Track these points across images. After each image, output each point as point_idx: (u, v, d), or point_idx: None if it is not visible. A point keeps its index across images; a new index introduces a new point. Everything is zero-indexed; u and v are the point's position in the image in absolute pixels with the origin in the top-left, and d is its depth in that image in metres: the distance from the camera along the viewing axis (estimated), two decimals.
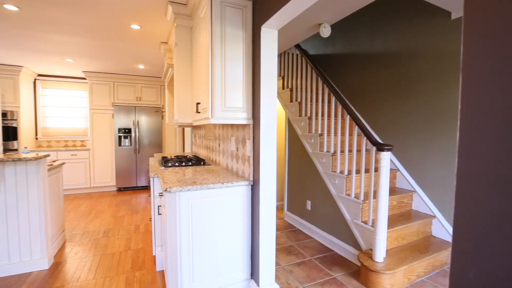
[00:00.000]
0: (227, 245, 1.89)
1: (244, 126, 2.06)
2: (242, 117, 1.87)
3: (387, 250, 2.27)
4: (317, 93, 3.59)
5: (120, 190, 5.56)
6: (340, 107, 2.76)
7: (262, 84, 1.78)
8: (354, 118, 2.44)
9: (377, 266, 2.03)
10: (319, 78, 3.04)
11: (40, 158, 2.30)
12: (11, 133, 4.69)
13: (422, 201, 2.69)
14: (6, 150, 4.62)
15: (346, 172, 2.60)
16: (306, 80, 3.37)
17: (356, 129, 2.50)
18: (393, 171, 2.92)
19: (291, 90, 3.54)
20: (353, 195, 2.49)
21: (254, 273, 1.98)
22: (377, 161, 2.98)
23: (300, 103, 3.33)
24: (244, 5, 1.88)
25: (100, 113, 5.38)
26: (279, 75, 3.87)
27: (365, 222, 2.38)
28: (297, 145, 3.41)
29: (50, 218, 2.56)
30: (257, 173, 1.85)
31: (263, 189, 1.82)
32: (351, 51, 3.51)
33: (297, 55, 3.58)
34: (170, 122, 3.66)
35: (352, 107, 3.48)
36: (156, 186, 2.29)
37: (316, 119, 3.15)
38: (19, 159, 2.18)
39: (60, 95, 5.61)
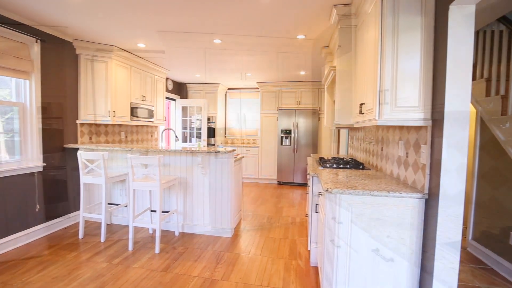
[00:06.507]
0: (388, 260, 1.69)
1: (417, 128, 1.75)
2: (417, 118, 1.60)
3: None
4: None
5: (280, 184, 6.29)
6: None
7: (448, 76, 1.45)
8: None
9: None
10: None
11: (230, 151, 3.00)
12: (211, 132, 6.48)
13: None
14: (208, 145, 6.42)
15: None
16: None
17: None
18: None
19: (488, 80, 2.65)
20: None
21: None
22: None
23: (504, 97, 2.44)
24: None
25: (268, 117, 6.36)
26: None
27: None
28: (495, 154, 2.52)
29: (234, 198, 3.29)
30: (436, 185, 1.53)
31: (443, 206, 1.48)
32: None
33: (500, 31, 2.64)
34: (328, 124, 3.73)
35: None
36: (314, 185, 2.40)
37: None
38: (218, 152, 2.95)
39: (240, 103, 7.11)
